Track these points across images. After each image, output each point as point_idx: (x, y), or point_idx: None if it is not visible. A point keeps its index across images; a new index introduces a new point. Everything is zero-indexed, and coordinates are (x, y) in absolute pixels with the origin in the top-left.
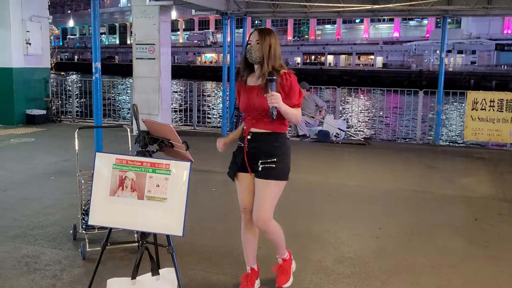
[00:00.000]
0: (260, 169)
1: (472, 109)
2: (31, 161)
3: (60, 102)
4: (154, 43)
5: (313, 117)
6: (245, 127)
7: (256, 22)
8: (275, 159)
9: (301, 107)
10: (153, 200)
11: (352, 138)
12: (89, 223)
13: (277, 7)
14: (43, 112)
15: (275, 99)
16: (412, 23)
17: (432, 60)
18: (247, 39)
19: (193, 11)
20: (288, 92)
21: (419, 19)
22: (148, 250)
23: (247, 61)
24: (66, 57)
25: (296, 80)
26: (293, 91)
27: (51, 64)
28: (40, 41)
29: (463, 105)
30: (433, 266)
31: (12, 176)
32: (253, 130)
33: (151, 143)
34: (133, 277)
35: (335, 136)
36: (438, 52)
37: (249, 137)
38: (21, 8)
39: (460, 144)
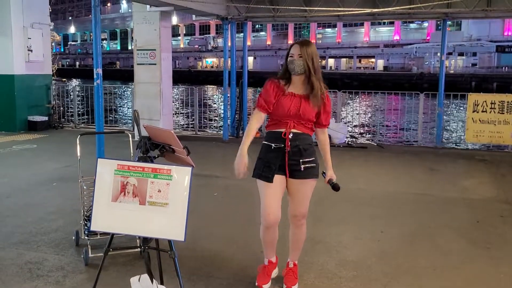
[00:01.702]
0: (302, 169)
1: (473, 111)
2: (33, 168)
3: (62, 108)
4: (155, 48)
5: None
6: (282, 130)
7: (257, 26)
8: (313, 158)
9: None
10: (154, 205)
11: (363, 142)
12: (91, 229)
13: (277, 11)
14: (45, 118)
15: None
16: (412, 25)
17: (433, 62)
18: (287, 51)
19: (194, 16)
20: (328, 111)
21: (420, 22)
22: (148, 255)
23: (287, 70)
24: (67, 63)
25: (330, 101)
26: (330, 111)
27: (52, 70)
28: (42, 47)
29: (464, 107)
30: (435, 268)
31: (14, 182)
32: (293, 130)
33: (153, 149)
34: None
35: (347, 141)
36: (438, 54)
37: (290, 136)
38: (23, 15)
39: (462, 146)
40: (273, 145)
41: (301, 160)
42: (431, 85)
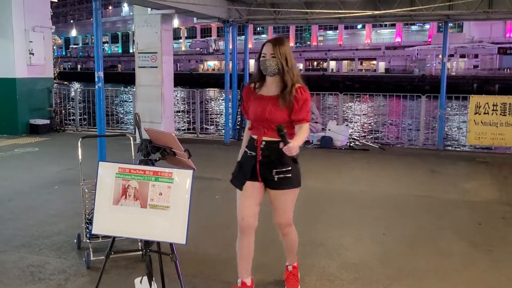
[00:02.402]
0: (276, 179)
1: (475, 113)
2: (35, 171)
3: (63, 111)
4: (156, 51)
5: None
6: (255, 136)
7: (258, 29)
8: (290, 168)
9: None
10: (156, 208)
11: (365, 144)
12: (93, 232)
13: (279, 14)
14: (47, 121)
15: (294, 150)
16: (414, 28)
17: (434, 64)
18: (260, 51)
19: (195, 19)
20: (300, 106)
21: (421, 24)
22: (150, 259)
23: (260, 71)
24: (69, 66)
25: (309, 96)
26: (305, 105)
27: (54, 73)
28: (43, 51)
29: (466, 109)
30: (437, 270)
31: (16, 185)
32: (266, 138)
33: (154, 152)
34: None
35: (349, 143)
36: (440, 56)
37: (262, 145)
38: (24, 18)
39: (464, 149)
40: (248, 152)
41: (274, 170)
42: (432, 87)
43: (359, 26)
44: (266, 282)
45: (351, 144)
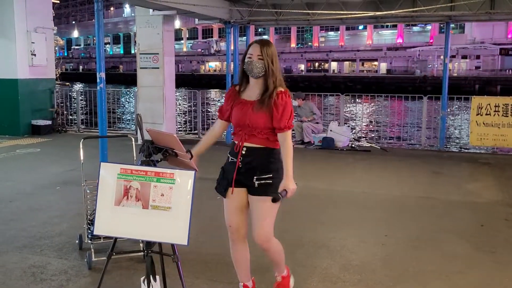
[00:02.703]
0: (256, 185)
1: (477, 114)
2: (37, 172)
3: (65, 112)
4: (157, 52)
5: (309, 120)
6: (236, 142)
7: (260, 30)
8: (271, 175)
9: (299, 115)
10: (157, 209)
11: (367, 145)
12: (95, 233)
13: (280, 15)
14: (49, 122)
15: (291, 186)
16: (415, 28)
17: (436, 65)
18: (245, 50)
19: (197, 20)
20: (281, 113)
21: (423, 25)
22: (151, 260)
23: (244, 72)
24: (71, 67)
25: (289, 101)
26: (285, 112)
27: (56, 74)
28: (45, 52)
29: (468, 110)
30: (440, 273)
31: (18, 186)
32: (247, 144)
33: (155, 153)
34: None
35: (351, 144)
36: (442, 57)
37: (243, 152)
38: (26, 19)
39: (466, 150)
40: (230, 158)
41: (255, 177)
42: (434, 88)
43: (361, 27)
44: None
45: (353, 145)
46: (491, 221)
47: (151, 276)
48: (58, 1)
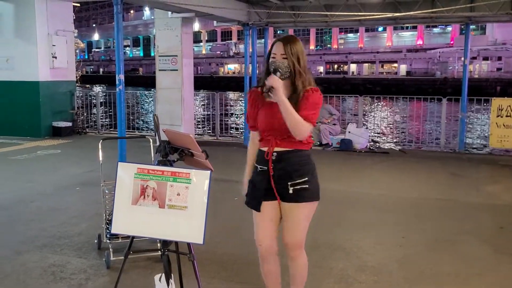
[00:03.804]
0: (291, 191)
1: (497, 116)
2: (58, 173)
3: (85, 114)
4: (176, 54)
5: (328, 122)
6: (265, 149)
7: (278, 32)
8: (307, 178)
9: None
10: (174, 208)
11: (385, 147)
12: (112, 231)
13: (298, 16)
14: (69, 124)
15: (273, 81)
16: (436, 30)
17: (457, 67)
18: (269, 49)
19: (215, 22)
20: (307, 105)
21: (443, 26)
22: (168, 258)
23: (269, 74)
24: (91, 70)
25: (319, 97)
26: (312, 105)
27: (76, 77)
28: (66, 54)
29: (488, 112)
30: (458, 275)
31: (39, 187)
32: (277, 149)
33: (172, 153)
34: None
35: (369, 146)
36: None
37: (273, 157)
38: (47, 23)
39: (486, 152)
40: (259, 167)
41: (289, 183)
42: (455, 90)
43: (380, 29)
44: None
45: (371, 147)
46: (511, 223)
47: (168, 274)
48: (79, 5)
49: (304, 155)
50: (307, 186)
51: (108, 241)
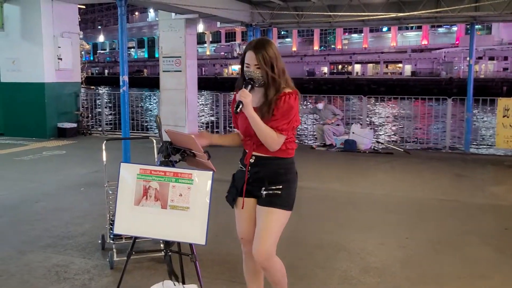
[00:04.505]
0: (264, 196)
1: (503, 116)
2: (62, 173)
3: (90, 115)
4: (180, 55)
5: (332, 122)
6: (246, 150)
7: (282, 32)
8: (280, 186)
9: (321, 117)
10: (176, 209)
11: (389, 147)
12: (114, 232)
13: (302, 17)
14: (74, 125)
15: (243, 95)
16: (441, 30)
17: (462, 67)
18: (242, 55)
19: (219, 23)
20: (281, 114)
21: (448, 26)
22: (170, 259)
23: (245, 79)
24: (96, 71)
25: (294, 101)
26: (286, 114)
27: (81, 78)
28: (71, 56)
29: (494, 112)
30: (461, 276)
31: (43, 187)
32: (256, 154)
33: (174, 153)
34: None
35: (373, 147)
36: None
37: (251, 160)
38: (53, 24)
39: (491, 152)
40: (240, 165)
41: (263, 187)
42: (460, 90)
43: (385, 29)
44: None
45: (375, 148)
46: None
47: (170, 274)
48: (84, 7)
49: (283, 163)
50: (280, 192)
51: (111, 241)
